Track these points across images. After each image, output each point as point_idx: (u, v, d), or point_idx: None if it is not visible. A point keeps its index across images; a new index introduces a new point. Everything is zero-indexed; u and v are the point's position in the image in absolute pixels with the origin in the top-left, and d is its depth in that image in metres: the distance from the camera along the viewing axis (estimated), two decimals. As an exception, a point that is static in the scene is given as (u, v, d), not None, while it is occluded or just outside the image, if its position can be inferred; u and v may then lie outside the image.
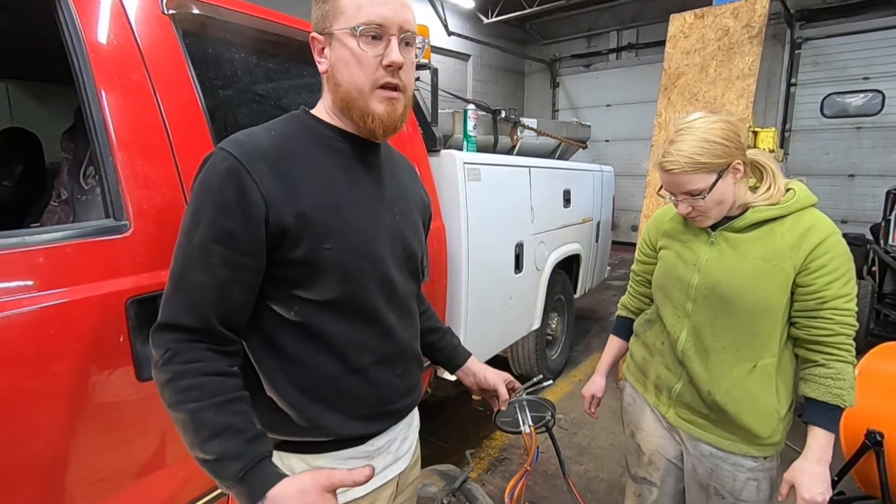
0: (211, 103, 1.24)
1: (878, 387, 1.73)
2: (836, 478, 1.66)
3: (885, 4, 6.56)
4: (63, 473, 0.91)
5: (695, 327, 1.15)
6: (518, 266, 2.63)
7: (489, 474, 2.42)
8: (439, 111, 2.54)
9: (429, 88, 2.41)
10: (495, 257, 2.44)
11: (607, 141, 9.49)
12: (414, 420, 1.01)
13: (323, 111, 0.84)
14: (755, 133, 3.29)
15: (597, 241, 3.82)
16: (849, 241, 1.08)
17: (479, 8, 8.51)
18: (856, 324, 1.04)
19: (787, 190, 1.11)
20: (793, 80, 7.47)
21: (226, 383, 0.72)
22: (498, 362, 2.03)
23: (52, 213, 1.37)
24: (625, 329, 1.44)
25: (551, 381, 1.18)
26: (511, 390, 1.10)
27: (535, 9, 7.97)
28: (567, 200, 3.21)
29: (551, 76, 10.41)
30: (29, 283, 0.86)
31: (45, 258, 0.88)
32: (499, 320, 2.52)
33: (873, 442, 1.59)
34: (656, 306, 1.27)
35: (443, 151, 2.14)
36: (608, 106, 9.65)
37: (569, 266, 3.48)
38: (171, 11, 1.16)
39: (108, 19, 1.05)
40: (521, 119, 3.25)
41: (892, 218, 3.91)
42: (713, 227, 1.14)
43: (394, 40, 0.75)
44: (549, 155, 3.73)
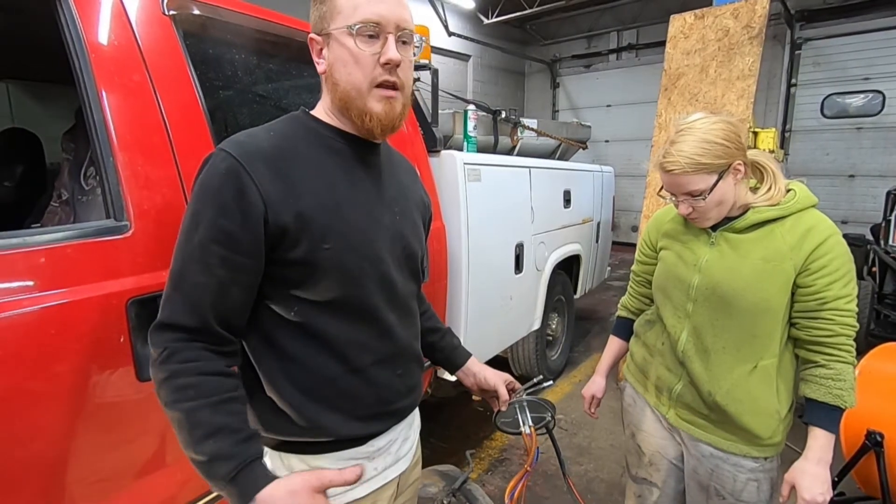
0: (211, 104, 1.24)
1: (879, 387, 1.73)
2: (836, 478, 1.66)
3: (886, 5, 6.56)
4: (63, 473, 0.91)
5: (695, 328, 1.15)
6: (518, 266, 2.63)
7: (489, 475, 2.42)
8: (439, 112, 2.54)
9: (429, 89, 2.41)
10: (495, 258, 2.44)
11: (607, 141, 9.49)
12: (415, 420, 1.01)
13: (322, 112, 0.84)
14: (755, 133, 3.29)
15: (597, 241, 3.82)
16: (849, 241, 1.08)
17: (480, 8, 8.52)
18: (856, 324, 1.04)
19: (788, 191, 1.11)
20: (793, 80, 7.47)
21: (222, 383, 0.72)
22: (498, 363, 2.03)
23: (53, 214, 1.37)
24: (625, 329, 1.44)
25: (551, 382, 1.18)
26: (511, 391, 1.10)
27: (535, 9, 7.97)
28: (567, 201, 3.21)
29: (551, 77, 10.41)
30: (30, 283, 0.86)
31: (45, 258, 0.88)
32: (499, 321, 2.52)
33: (873, 442, 1.59)
34: (656, 307, 1.27)
35: (443, 152, 2.14)
36: (608, 106, 9.65)
37: (569, 266, 3.47)
38: (171, 12, 1.16)
39: (109, 20, 1.06)
40: (521, 119, 3.25)
41: (893, 218, 3.91)
42: (714, 227, 1.14)
43: (391, 38, 0.76)
44: (550, 155, 3.73)
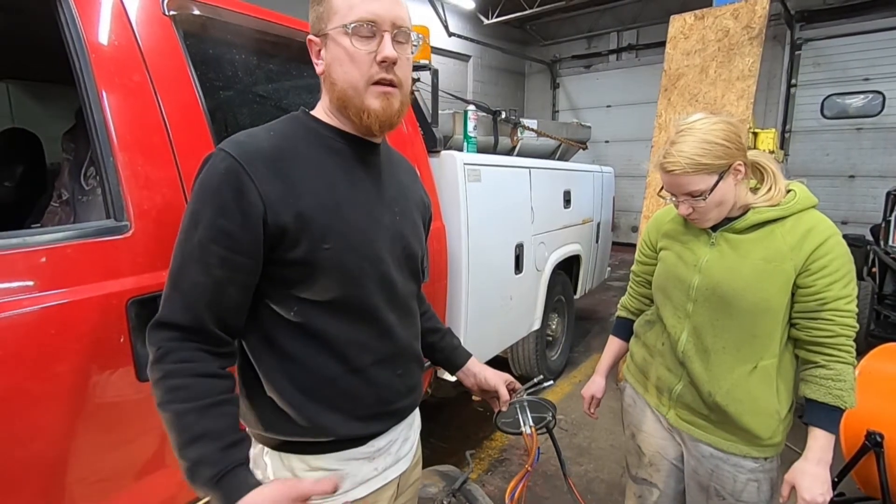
0: (211, 104, 1.24)
1: (879, 388, 1.73)
2: (836, 479, 1.66)
3: (886, 5, 6.56)
4: (63, 473, 0.91)
5: (695, 328, 1.15)
6: (518, 267, 2.63)
7: (489, 475, 2.42)
8: (440, 112, 2.54)
9: (429, 89, 2.41)
10: (495, 258, 2.44)
11: (607, 142, 9.50)
12: (415, 421, 1.01)
13: (322, 112, 0.85)
14: (755, 134, 3.29)
15: (597, 241, 3.82)
16: (849, 242, 1.08)
17: (480, 9, 8.52)
18: (856, 325, 1.04)
19: (788, 191, 1.11)
20: (793, 81, 7.47)
21: (214, 385, 0.72)
22: (498, 363, 2.02)
23: (53, 214, 1.37)
24: (624, 329, 1.44)
25: (552, 382, 1.17)
26: (512, 391, 1.10)
27: (535, 10, 7.97)
28: (567, 201, 3.21)
29: (551, 77, 10.41)
30: (30, 283, 0.86)
31: (46, 259, 0.88)
32: (499, 321, 2.52)
33: (873, 443, 1.59)
34: (656, 307, 1.27)
35: (443, 152, 2.14)
36: (608, 107, 9.66)
37: (569, 267, 3.47)
38: (172, 12, 1.16)
39: (109, 20, 1.06)
40: (521, 120, 3.24)
41: (893, 219, 3.90)
42: (714, 227, 1.14)
43: (387, 36, 0.76)
44: (550, 156, 3.73)
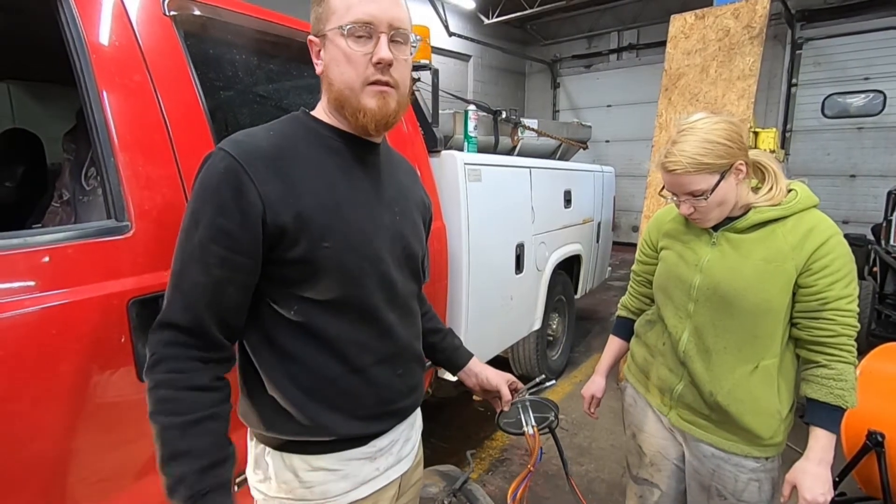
0: (212, 104, 1.24)
1: (880, 387, 1.72)
2: (837, 479, 1.66)
3: (886, 5, 6.55)
4: (64, 473, 0.91)
5: (696, 328, 1.15)
6: (519, 266, 2.63)
7: (490, 475, 2.42)
8: (440, 112, 2.54)
9: (429, 89, 2.41)
10: (496, 258, 2.44)
11: (608, 141, 9.49)
12: (416, 421, 1.01)
13: (321, 112, 0.85)
14: (756, 133, 3.28)
15: (597, 241, 3.82)
16: (850, 241, 1.08)
17: (480, 9, 8.52)
18: (857, 325, 1.04)
19: (789, 191, 1.10)
20: (794, 80, 7.47)
21: (202, 399, 0.72)
22: (498, 363, 2.02)
23: (54, 214, 1.37)
24: (625, 329, 1.44)
25: (554, 382, 1.17)
26: (514, 391, 1.10)
27: (535, 9, 7.97)
28: (568, 201, 3.21)
29: (552, 77, 10.41)
30: (31, 283, 0.86)
31: (46, 259, 0.88)
32: (499, 321, 2.52)
33: (874, 443, 1.58)
34: (657, 307, 1.27)
35: (443, 152, 2.14)
36: (609, 106, 9.65)
37: (569, 267, 3.47)
38: (172, 13, 1.16)
39: (110, 20, 1.06)
40: (521, 120, 3.24)
41: (894, 218, 3.90)
42: (715, 227, 1.14)
43: (383, 38, 0.76)
44: (550, 155, 3.73)
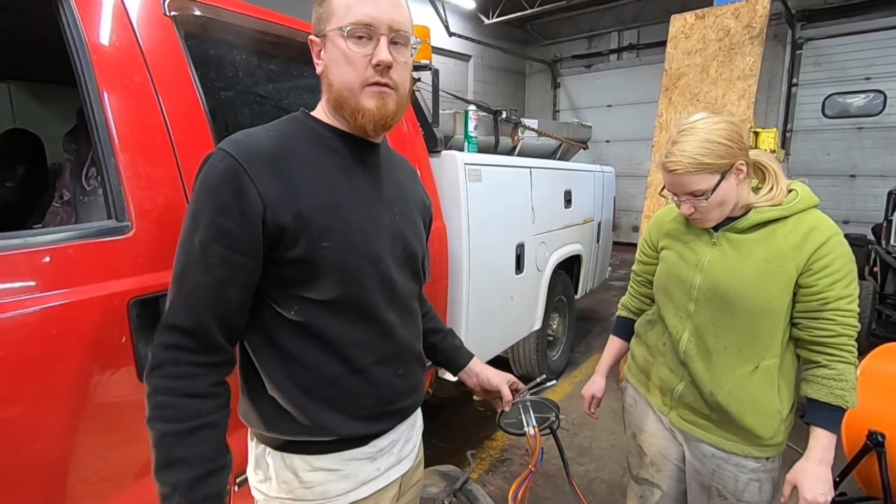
0: (212, 104, 1.24)
1: (880, 388, 1.72)
2: (837, 479, 1.66)
3: (887, 4, 6.55)
4: (65, 474, 0.91)
5: (697, 328, 1.15)
6: (519, 267, 2.63)
7: (490, 475, 2.42)
8: (440, 112, 2.54)
9: (430, 89, 2.41)
10: (496, 258, 2.44)
11: (608, 141, 9.49)
12: (417, 421, 1.01)
13: (321, 112, 0.85)
14: (756, 133, 3.28)
15: (598, 241, 3.82)
16: (850, 241, 1.07)
17: (480, 9, 8.52)
18: (858, 325, 1.04)
19: (790, 191, 1.10)
20: (794, 80, 7.47)
21: (199, 407, 0.72)
22: (499, 363, 2.02)
23: (55, 214, 1.37)
24: (625, 329, 1.44)
25: (554, 382, 1.16)
26: (514, 391, 1.10)
27: (535, 9, 7.97)
28: (568, 201, 3.21)
29: (552, 77, 10.41)
30: (31, 283, 0.86)
31: (47, 259, 0.88)
32: (500, 321, 2.52)
33: (875, 443, 1.58)
34: (658, 307, 1.27)
35: (444, 152, 2.14)
36: (609, 106, 9.65)
37: (570, 267, 3.47)
38: (172, 13, 1.16)
39: (111, 21, 1.06)
40: (521, 120, 3.24)
41: (894, 218, 3.90)
42: (715, 227, 1.14)
43: (383, 40, 0.76)
44: (550, 156, 3.73)
